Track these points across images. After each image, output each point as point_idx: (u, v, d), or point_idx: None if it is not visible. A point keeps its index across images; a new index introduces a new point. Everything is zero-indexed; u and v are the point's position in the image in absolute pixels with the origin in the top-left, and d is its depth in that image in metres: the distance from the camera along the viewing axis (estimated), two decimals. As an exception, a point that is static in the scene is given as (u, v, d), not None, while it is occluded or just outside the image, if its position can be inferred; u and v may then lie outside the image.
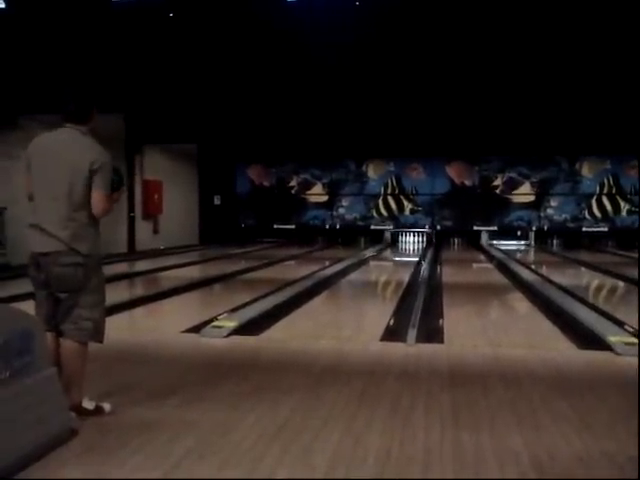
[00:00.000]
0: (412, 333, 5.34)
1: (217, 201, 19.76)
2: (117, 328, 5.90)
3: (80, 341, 3.22)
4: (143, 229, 16.71)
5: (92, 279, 3.22)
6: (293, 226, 20.28)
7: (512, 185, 19.52)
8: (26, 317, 2.92)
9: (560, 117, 15.82)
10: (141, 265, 12.63)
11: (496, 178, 19.56)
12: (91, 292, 3.23)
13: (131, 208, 16.22)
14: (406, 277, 10.35)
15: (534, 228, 19.47)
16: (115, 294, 8.16)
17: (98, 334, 3.28)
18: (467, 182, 19.69)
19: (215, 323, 5.64)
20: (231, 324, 5.61)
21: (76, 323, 3.19)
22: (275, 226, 20.23)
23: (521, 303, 8.07)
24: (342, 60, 12.03)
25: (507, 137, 17.42)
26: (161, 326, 6.34)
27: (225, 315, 6.22)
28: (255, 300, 7.28)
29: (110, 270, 11.20)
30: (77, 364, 3.16)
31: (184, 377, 4.22)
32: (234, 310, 6.54)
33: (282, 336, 5.59)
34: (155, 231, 17.29)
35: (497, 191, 19.57)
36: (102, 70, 11.99)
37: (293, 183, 20.59)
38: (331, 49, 11.42)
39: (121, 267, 12.31)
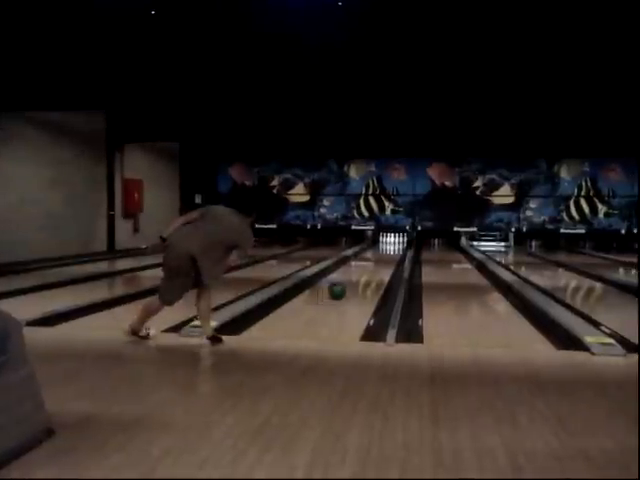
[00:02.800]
0: (392, 333, 5.36)
1: (198, 200, 19.68)
2: (98, 327, 5.87)
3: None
4: (123, 228, 16.60)
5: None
6: (274, 225, 20.28)
7: (492, 186, 19.71)
8: (1, 316, 2.87)
9: (539, 120, 15.97)
10: (121, 264, 12.54)
11: (476, 179, 19.73)
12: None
13: (111, 206, 16.09)
14: (386, 277, 10.38)
15: (513, 229, 19.67)
16: (95, 293, 8.11)
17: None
18: (448, 183, 19.85)
19: (195, 323, 5.61)
20: (212, 324, 5.58)
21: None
22: (256, 225, 20.21)
23: (500, 304, 8.14)
24: (326, 60, 12.03)
25: (487, 139, 17.58)
26: (141, 325, 6.28)
27: (205, 314, 6.18)
28: (236, 300, 7.28)
29: (90, 268, 11.13)
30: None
31: (164, 376, 4.20)
32: (214, 309, 6.50)
33: (262, 336, 5.58)
34: (135, 230, 17.17)
35: (477, 192, 19.75)
36: (83, 66, 11.88)
37: (275, 182, 20.60)
38: (315, 49, 11.41)
39: (101, 266, 12.20)
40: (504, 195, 19.69)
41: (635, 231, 18.83)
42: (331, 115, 16.01)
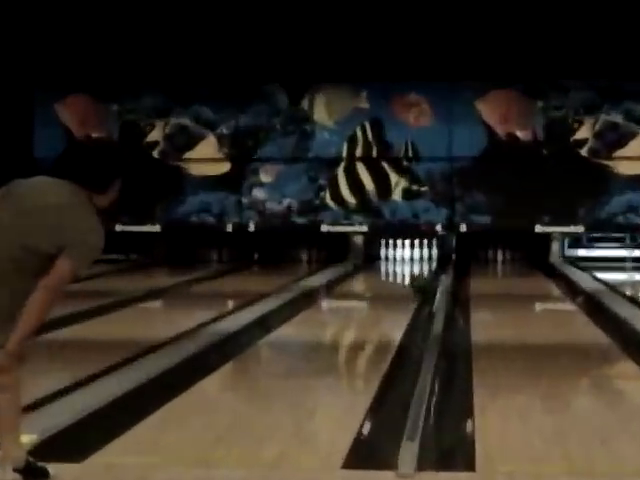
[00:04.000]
0: (409, 451, 5.36)
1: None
2: None
3: None
4: None
5: None
6: (157, 227, 20.22)
7: (614, 140, 19.89)
8: None
9: None
10: None
11: (581, 125, 19.91)
12: None
13: None
14: (397, 334, 10.44)
15: (659, 227, 19.93)
16: None
17: None
18: (520, 133, 20.01)
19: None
20: (25, 439, 5.54)
21: None
22: (119, 227, 20.09)
23: (634, 385, 8.21)
24: None
25: (598, 44, 17.73)
26: None
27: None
28: (75, 386, 7.29)
29: None
30: None
31: None
32: (28, 408, 6.45)
33: (134, 462, 5.55)
34: None
35: (583, 152, 19.93)
36: None
37: (156, 136, 20.55)
38: None
39: None
40: (638, 158, 19.91)
41: None
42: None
